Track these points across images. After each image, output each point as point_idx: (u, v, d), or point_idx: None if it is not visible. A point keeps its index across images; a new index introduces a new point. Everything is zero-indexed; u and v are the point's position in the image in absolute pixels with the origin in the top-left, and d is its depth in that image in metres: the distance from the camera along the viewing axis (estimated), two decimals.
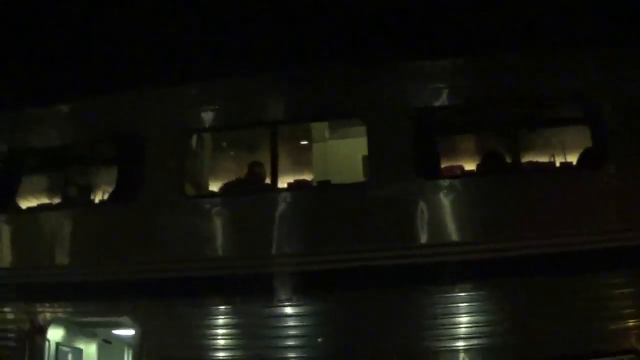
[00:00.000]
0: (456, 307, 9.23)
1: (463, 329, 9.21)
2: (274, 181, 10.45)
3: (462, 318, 9.24)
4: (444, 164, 10.39)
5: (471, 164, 10.74)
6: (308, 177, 11.38)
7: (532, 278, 9.12)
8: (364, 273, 9.51)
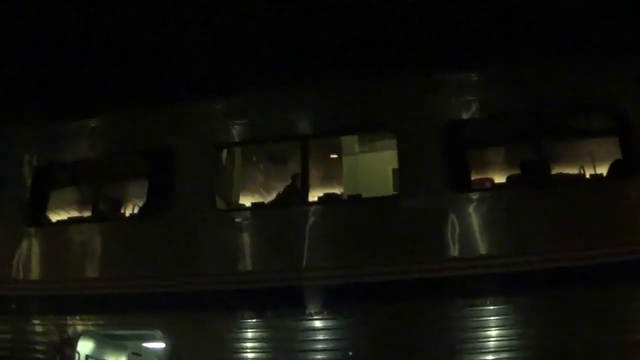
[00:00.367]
0: (487, 321, 9.17)
1: (493, 343, 9.14)
2: (305, 195, 10.47)
3: (492, 332, 9.16)
4: (473, 177, 10.37)
5: (501, 176, 10.69)
6: (338, 191, 11.44)
7: (563, 291, 9.04)
8: (395, 287, 9.48)
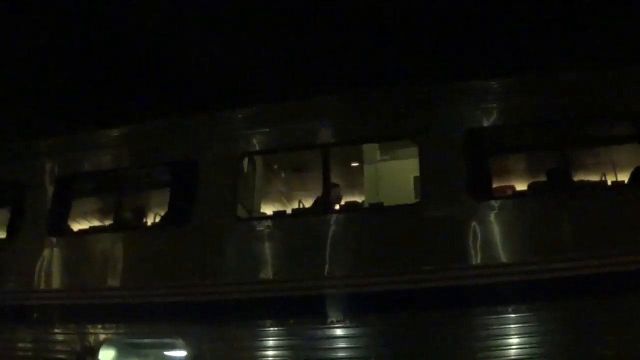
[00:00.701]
0: (508, 329, 9.14)
1: (514, 350, 9.10)
2: (326, 203, 10.51)
3: (513, 339, 9.14)
4: (495, 184, 10.33)
5: (522, 184, 10.65)
6: (359, 199, 11.45)
7: (585, 298, 8.99)
8: (416, 295, 9.46)
